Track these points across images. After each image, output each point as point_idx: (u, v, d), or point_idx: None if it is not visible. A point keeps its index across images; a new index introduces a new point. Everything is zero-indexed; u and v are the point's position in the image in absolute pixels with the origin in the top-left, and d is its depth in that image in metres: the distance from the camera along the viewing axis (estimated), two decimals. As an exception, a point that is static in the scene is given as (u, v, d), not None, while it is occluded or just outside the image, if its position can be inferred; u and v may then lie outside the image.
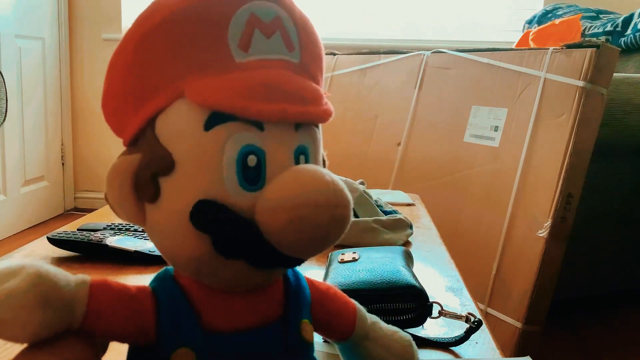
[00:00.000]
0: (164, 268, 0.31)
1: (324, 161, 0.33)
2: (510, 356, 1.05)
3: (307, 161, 0.29)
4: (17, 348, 0.27)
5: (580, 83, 1.24)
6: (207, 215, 0.27)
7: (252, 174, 0.27)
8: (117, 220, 0.89)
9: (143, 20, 0.29)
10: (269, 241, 0.26)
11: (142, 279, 0.65)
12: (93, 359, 0.28)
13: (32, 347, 0.26)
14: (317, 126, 0.31)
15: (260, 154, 0.27)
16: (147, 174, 0.28)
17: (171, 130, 0.28)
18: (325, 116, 0.29)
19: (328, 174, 0.27)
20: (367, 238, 0.81)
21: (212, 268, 0.28)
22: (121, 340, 0.29)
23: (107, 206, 0.30)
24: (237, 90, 0.27)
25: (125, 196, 0.28)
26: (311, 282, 0.35)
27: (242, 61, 0.28)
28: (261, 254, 0.27)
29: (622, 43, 1.87)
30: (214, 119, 0.27)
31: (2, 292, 0.25)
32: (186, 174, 0.27)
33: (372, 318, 0.38)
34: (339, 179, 0.27)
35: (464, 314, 0.54)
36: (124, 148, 0.31)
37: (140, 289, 0.29)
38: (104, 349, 0.30)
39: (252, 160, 0.27)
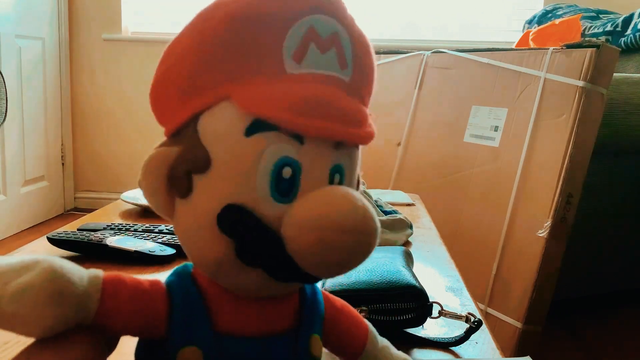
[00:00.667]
0: (183, 263, 0.31)
1: (359, 182, 0.33)
2: (510, 356, 1.05)
3: (341, 180, 0.29)
4: (17, 347, 0.27)
5: (580, 83, 1.24)
6: (234, 219, 0.27)
7: (286, 186, 0.27)
8: (117, 220, 0.89)
9: (204, 17, 0.29)
10: (291, 256, 0.26)
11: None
12: (98, 358, 0.28)
13: (36, 345, 0.26)
14: (357, 147, 0.31)
15: (296, 167, 0.27)
16: (182, 169, 0.28)
17: (213, 130, 0.28)
18: (367, 138, 0.29)
19: (360, 199, 0.27)
20: (367, 238, 0.80)
21: (231, 272, 0.28)
22: (133, 334, 0.29)
23: (107, 206, 0.30)
24: (283, 101, 0.27)
25: (158, 187, 0.28)
26: (327, 298, 0.35)
27: (293, 73, 0.28)
28: (281, 267, 0.27)
29: (622, 43, 1.87)
30: (256, 126, 0.27)
31: (16, 287, 0.25)
32: (220, 175, 0.27)
33: (384, 342, 0.37)
34: (370, 206, 0.27)
35: (464, 314, 0.54)
36: (123, 148, 0.31)
37: (154, 284, 0.30)
38: (110, 347, 0.30)
39: (287, 172, 0.27)
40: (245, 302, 0.30)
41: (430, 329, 0.55)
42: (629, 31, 1.87)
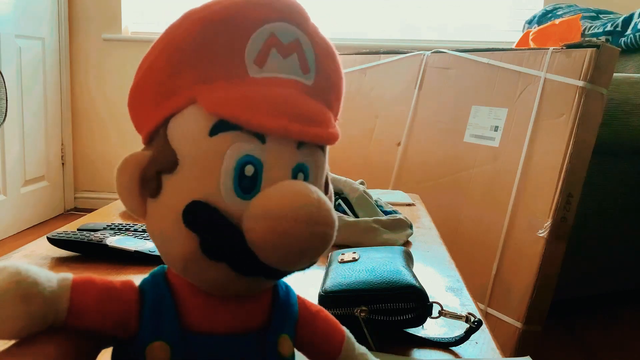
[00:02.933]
0: (160, 265, 0.32)
1: (327, 185, 0.33)
2: (510, 356, 1.05)
3: (305, 179, 0.30)
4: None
5: (580, 83, 1.24)
6: (197, 215, 0.28)
7: (248, 183, 0.28)
8: (117, 220, 0.89)
9: (172, 27, 0.30)
10: (251, 249, 0.27)
11: (141, 279, 0.65)
12: (75, 355, 0.28)
13: (14, 345, 0.27)
14: (323, 149, 0.32)
15: (258, 165, 0.28)
16: (152, 169, 0.30)
17: (180, 132, 0.29)
18: (329, 138, 0.30)
19: (316, 191, 0.28)
20: (367, 238, 0.81)
21: (197, 268, 0.29)
22: (106, 334, 0.30)
23: (107, 206, 0.30)
24: (244, 102, 0.28)
25: (131, 188, 0.30)
26: (302, 302, 0.35)
27: (255, 77, 0.29)
28: (242, 260, 0.28)
29: (622, 43, 1.87)
30: (219, 127, 0.28)
31: None
32: (186, 174, 0.29)
33: (361, 349, 0.37)
34: (326, 199, 0.28)
35: (464, 314, 0.54)
36: (123, 148, 0.32)
37: (125, 283, 0.31)
38: (99, 346, 0.30)
39: (249, 170, 0.28)
40: (215, 300, 0.30)
41: (430, 329, 0.55)
42: (629, 31, 1.87)
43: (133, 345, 0.29)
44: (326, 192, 0.33)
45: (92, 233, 0.73)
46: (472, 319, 0.53)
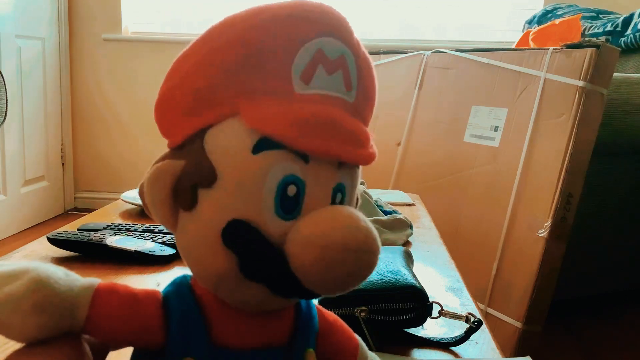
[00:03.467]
0: (182, 274, 0.32)
1: (357, 200, 0.33)
2: (510, 356, 1.05)
3: (343, 199, 0.30)
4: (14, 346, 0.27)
5: (580, 83, 1.24)
6: (238, 235, 0.27)
7: (290, 204, 0.28)
8: (117, 220, 0.89)
9: (214, 34, 0.29)
10: (294, 272, 0.27)
11: (142, 279, 0.65)
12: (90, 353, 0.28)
13: (28, 346, 0.27)
14: (358, 167, 0.31)
15: (301, 186, 0.28)
16: (188, 182, 0.28)
17: (220, 145, 0.28)
18: (369, 159, 0.30)
19: (364, 219, 0.27)
20: (367, 238, 0.80)
21: (232, 286, 0.28)
22: (125, 344, 0.29)
23: (107, 206, 0.30)
24: (290, 120, 0.27)
25: (163, 200, 0.29)
26: (320, 312, 0.35)
27: (301, 93, 0.28)
28: (283, 283, 0.27)
29: (622, 43, 1.87)
30: (263, 144, 0.27)
31: (0, 296, 0.26)
32: (226, 190, 0.28)
33: (373, 357, 0.37)
34: (372, 226, 0.28)
35: (464, 314, 0.54)
36: (123, 148, 0.31)
37: (149, 294, 0.30)
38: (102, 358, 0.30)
39: (292, 190, 0.28)
40: (242, 315, 0.30)
41: (430, 329, 0.55)
42: (629, 31, 1.87)
43: (158, 358, 0.29)
44: (356, 205, 0.33)
45: (92, 233, 0.73)
46: (472, 319, 0.53)
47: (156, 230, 0.80)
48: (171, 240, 0.75)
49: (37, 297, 0.26)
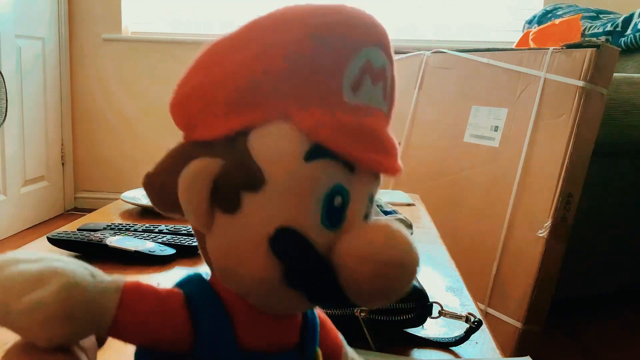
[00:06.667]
0: (193, 272, 0.31)
1: None
2: (510, 356, 1.05)
3: (370, 209, 0.30)
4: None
5: (580, 83, 1.24)
6: (287, 243, 0.27)
7: (336, 214, 0.27)
8: (117, 220, 0.89)
9: (270, 29, 0.28)
10: (341, 284, 0.27)
11: (142, 279, 0.65)
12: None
13: (26, 342, 0.26)
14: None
15: (346, 196, 0.28)
16: (231, 183, 0.27)
17: (268, 148, 0.27)
18: (399, 172, 0.30)
19: (408, 234, 0.28)
20: (367, 238, 0.80)
21: (269, 292, 0.28)
22: (150, 347, 0.29)
23: (107, 206, 0.30)
24: (343, 130, 0.27)
25: (201, 201, 0.28)
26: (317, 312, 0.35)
27: (349, 102, 0.28)
28: (328, 295, 0.27)
29: (622, 43, 1.87)
30: (315, 152, 0.27)
31: (28, 303, 0.25)
32: (275, 196, 0.27)
33: (353, 354, 0.37)
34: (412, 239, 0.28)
35: (464, 314, 0.54)
36: (123, 147, 0.31)
37: (172, 295, 0.29)
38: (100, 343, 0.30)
39: (338, 200, 0.27)
40: (265, 317, 0.29)
41: (430, 329, 0.55)
42: (629, 31, 1.87)
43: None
44: None
45: (92, 233, 0.73)
46: (472, 319, 0.53)
47: (156, 230, 0.80)
48: (171, 240, 0.75)
49: (67, 306, 0.25)
